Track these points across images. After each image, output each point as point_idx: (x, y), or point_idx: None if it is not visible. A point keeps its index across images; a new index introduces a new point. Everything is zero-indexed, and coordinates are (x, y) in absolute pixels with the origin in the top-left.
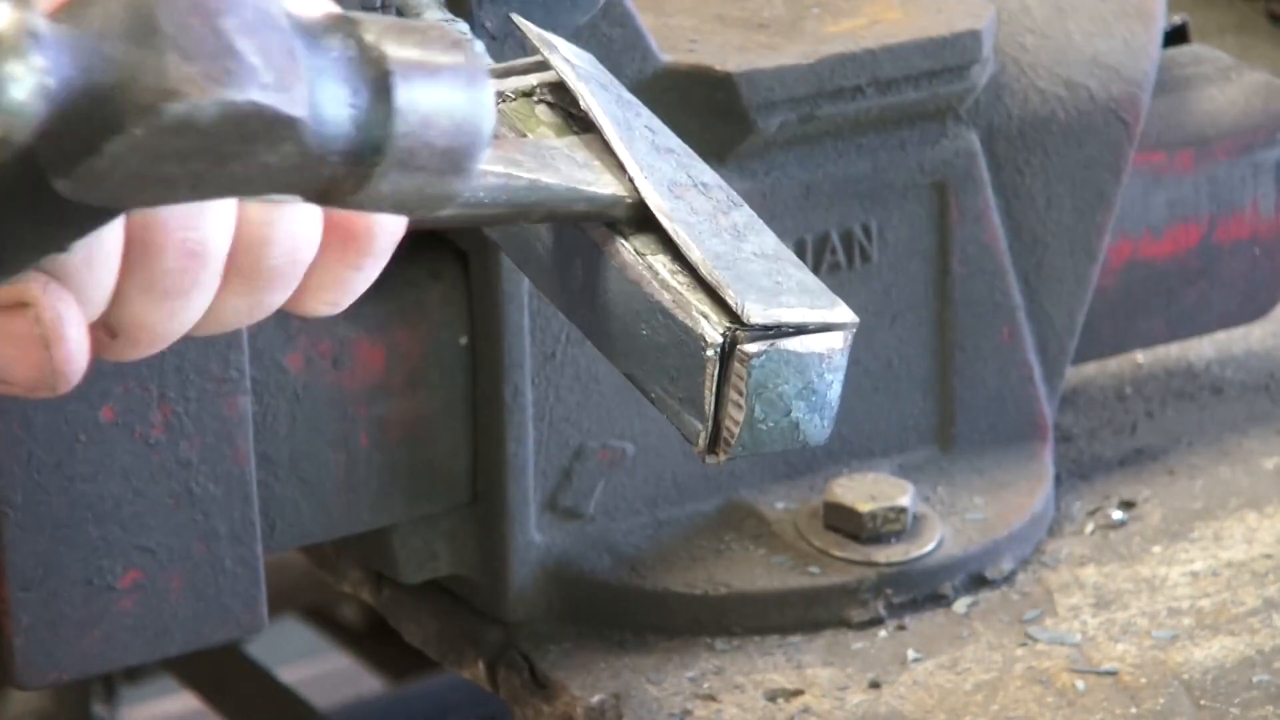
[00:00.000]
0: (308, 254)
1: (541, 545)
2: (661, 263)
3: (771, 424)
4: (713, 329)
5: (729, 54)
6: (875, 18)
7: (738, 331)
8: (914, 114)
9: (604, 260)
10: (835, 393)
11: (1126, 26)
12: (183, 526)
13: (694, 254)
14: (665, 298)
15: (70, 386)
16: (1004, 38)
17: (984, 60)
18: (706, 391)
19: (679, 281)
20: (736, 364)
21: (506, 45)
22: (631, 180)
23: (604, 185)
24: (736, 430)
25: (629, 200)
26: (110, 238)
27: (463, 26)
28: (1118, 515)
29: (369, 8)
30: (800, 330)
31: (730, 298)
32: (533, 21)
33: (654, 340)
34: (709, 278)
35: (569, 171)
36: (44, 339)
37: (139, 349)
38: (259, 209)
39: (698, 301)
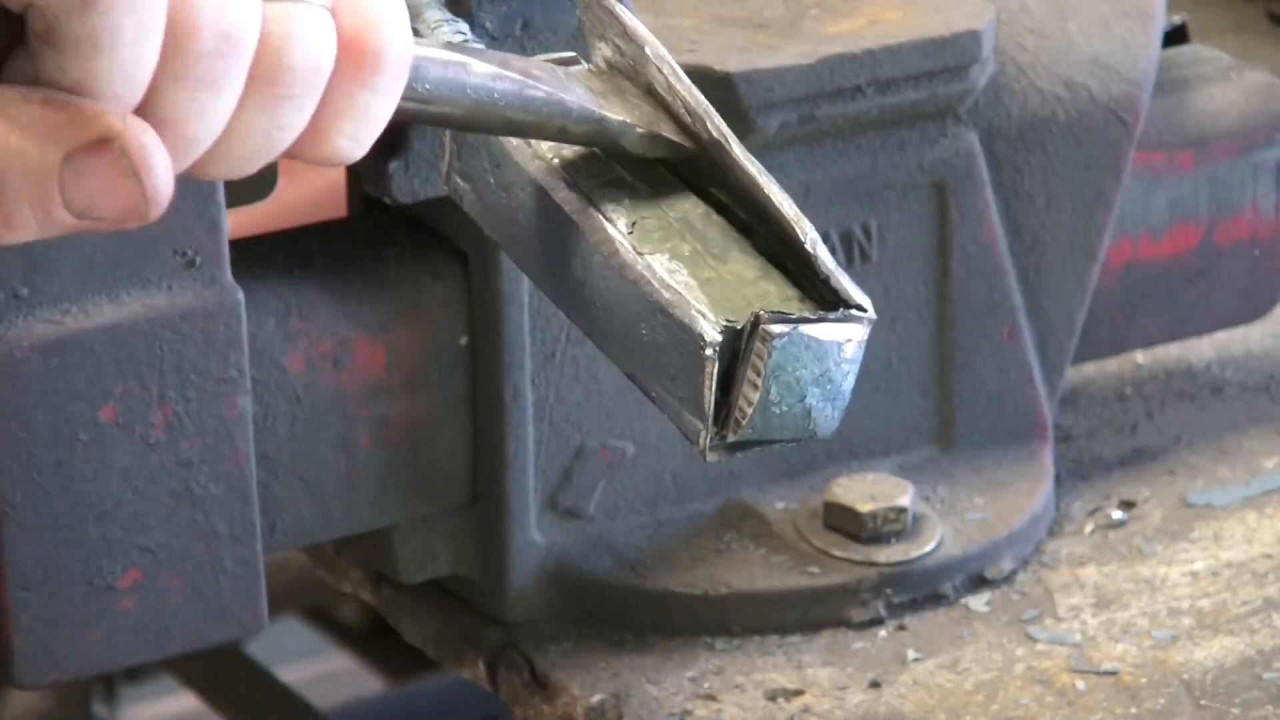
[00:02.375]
0: (326, 61)
1: (542, 545)
2: (660, 261)
3: (785, 408)
4: (711, 328)
5: (729, 54)
6: (875, 18)
7: (760, 311)
8: (914, 114)
9: (603, 260)
10: (849, 384)
11: (1126, 26)
12: (183, 526)
13: (774, 190)
14: (664, 297)
15: (160, 214)
16: (1004, 38)
17: (984, 60)
18: (706, 390)
19: (677, 280)
20: (758, 343)
21: (506, 45)
22: (707, 123)
23: (617, 113)
24: (749, 411)
25: (640, 131)
26: (152, 20)
27: (462, 26)
28: (1118, 515)
29: None
30: (822, 318)
31: (803, 233)
32: (532, 21)
33: (653, 340)
34: (786, 212)
35: (584, 94)
36: (133, 171)
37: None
38: (278, 8)
39: (696, 300)
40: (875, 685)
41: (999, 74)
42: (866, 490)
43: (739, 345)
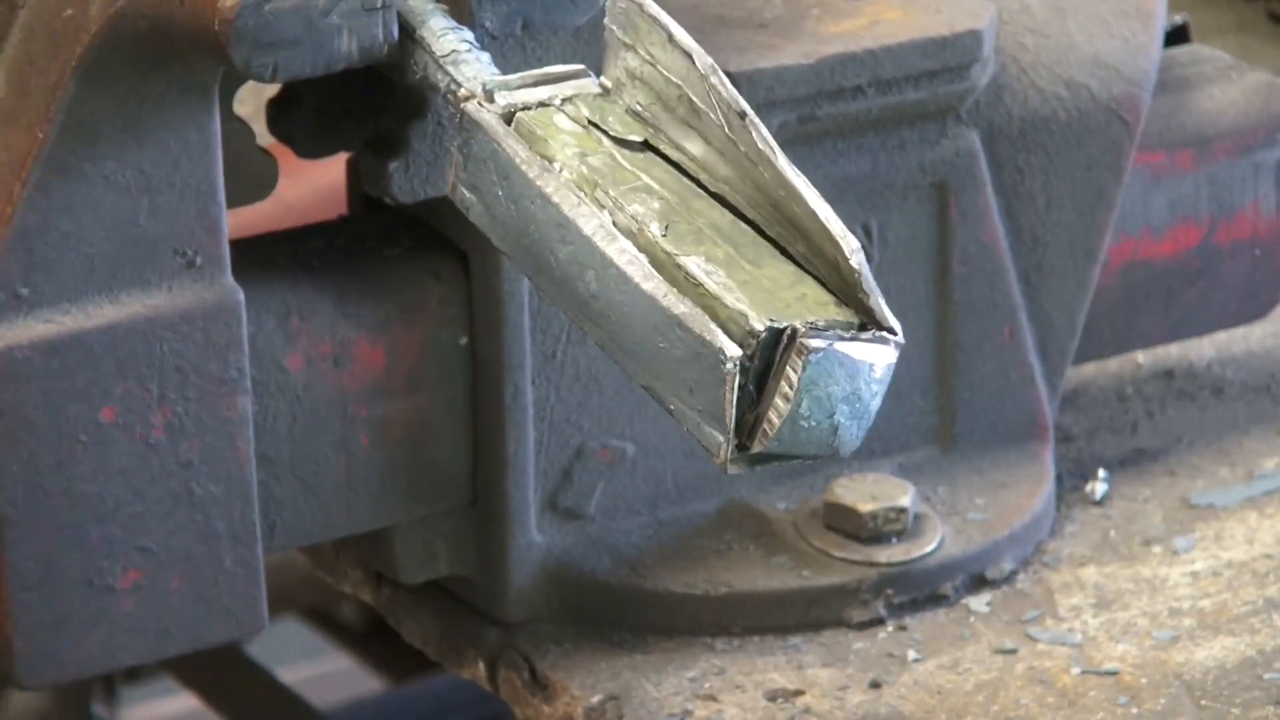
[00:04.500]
0: None
1: (542, 545)
2: (696, 264)
3: (813, 423)
4: (732, 342)
5: (729, 54)
6: (875, 18)
7: (796, 324)
8: (914, 114)
9: (619, 273)
10: (876, 405)
11: (1127, 26)
12: (183, 527)
13: (819, 204)
14: (682, 310)
15: None
16: (1004, 38)
17: (984, 60)
18: (727, 404)
19: (715, 281)
20: (794, 356)
21: (506, 45)
22: (752, 134)
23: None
24: (778, 424)
25: None
26: None
27: (467, 35)
28: (1101, 489)
29: (370, 8)
30: (855, 336)
31: (849, 250)
32: (533, 21)
33: (671, 354)
34: (833, 228)
35: None
36: None
37: None
38: None
39: (720, 308)
40: (876, 685)
41: (1000, 74)
42: (867, 490)
43: (772, 356)
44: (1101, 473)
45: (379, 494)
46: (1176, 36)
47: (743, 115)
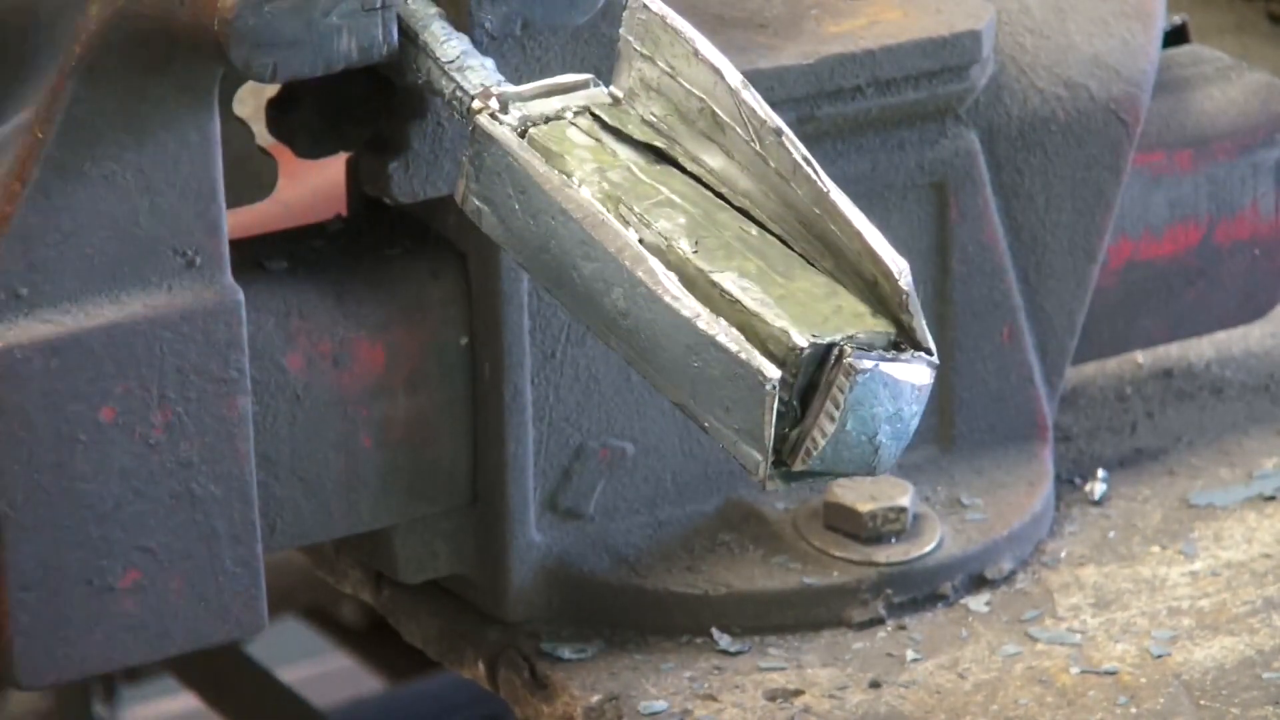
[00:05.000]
0: None
1: (541, 545)
2: (730, 279)
3: (856, 443)
4: (770, 364)
5: (729, 54)
6: (875, 18)
7: (843, 344)
8: (914, 114)
9: (648, 291)
10: (914, 426)
11: (1126, 26)
12: (183, 527)
13: (864, 223)
14: (718, 330)
15: None
16: (1004, 38)
17: (984, 61)
18: (766, 425)
19: (752, 297)
20: (841, 376)
21: (506, 45)
22: (790, 149)
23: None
24: (822, 443)
25: None
26: None
27: (467, 44)
28: (1100, 489)
29: (370, 9)
30: (896, 357)
31: (898, 270)
32: (532, 21)
33: (706, 373)
34: (879, 249)
35: None
36: None
37: None
38: None
39: (760, 324)
40: (875, 685)
41: (999, 74)
42: (866, 490)
43: (816, 374)
44: (1101, 473)
45: (379, 494)
46: (1176, 37)
47: (778, 132)
